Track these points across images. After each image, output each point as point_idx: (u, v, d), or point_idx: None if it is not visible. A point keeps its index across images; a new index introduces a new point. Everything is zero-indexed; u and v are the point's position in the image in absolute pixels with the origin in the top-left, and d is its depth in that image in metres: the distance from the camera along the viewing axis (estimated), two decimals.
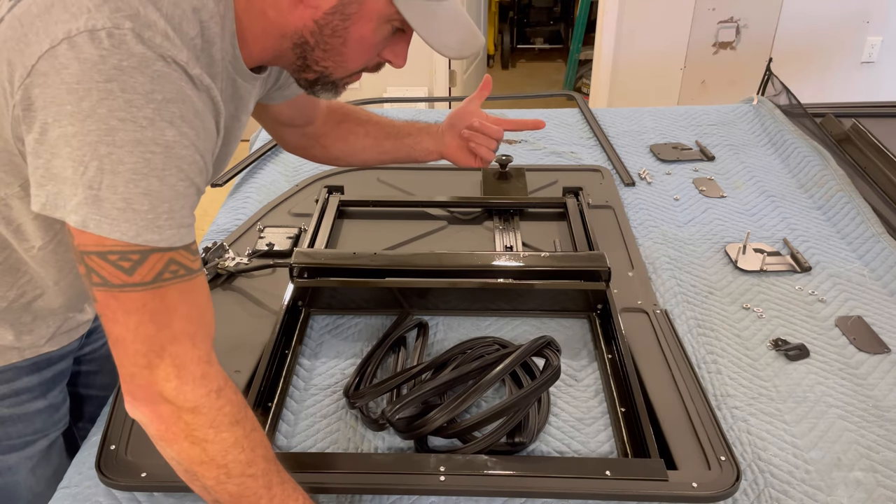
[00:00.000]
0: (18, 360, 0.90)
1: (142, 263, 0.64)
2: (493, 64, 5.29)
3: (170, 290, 0.65)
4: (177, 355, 0.66)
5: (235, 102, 0.82)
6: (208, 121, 0.69)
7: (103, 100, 0.60)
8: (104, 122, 0.60)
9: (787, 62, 3.26)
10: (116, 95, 0.60)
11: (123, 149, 0.61)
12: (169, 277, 0.65)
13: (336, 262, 1.20)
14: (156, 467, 0.87)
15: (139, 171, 0.62)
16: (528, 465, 0.89)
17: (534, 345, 0.99)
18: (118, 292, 0.64)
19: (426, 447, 0.93)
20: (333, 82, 0.81)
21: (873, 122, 1.76)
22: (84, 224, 0.62)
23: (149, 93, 0.61)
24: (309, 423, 0.99)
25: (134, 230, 0.62)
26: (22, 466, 0.96)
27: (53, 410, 0.98)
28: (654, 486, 0.84)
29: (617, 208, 1.49)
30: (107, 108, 0.60)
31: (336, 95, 0.84)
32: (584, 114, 2.02)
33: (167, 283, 0.65)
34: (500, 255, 1.24)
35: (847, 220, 1.45)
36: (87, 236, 0.63)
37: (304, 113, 1.11)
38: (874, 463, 0.92)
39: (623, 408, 1.00)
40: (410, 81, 3.81)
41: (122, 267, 0.63)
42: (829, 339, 1.14)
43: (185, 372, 0.67)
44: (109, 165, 0.61)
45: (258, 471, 0.72)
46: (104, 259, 0.63)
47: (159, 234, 0.64)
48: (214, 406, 0.68)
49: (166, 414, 0.68)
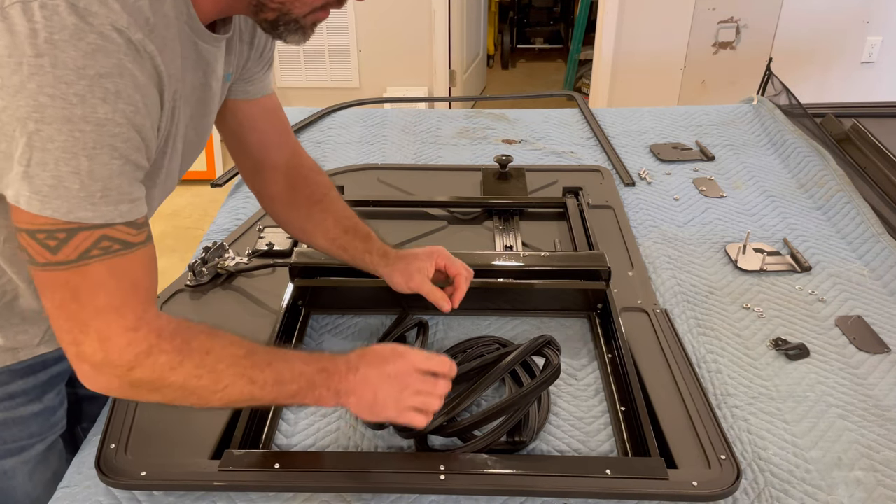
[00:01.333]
0: (12, 362, 0.89)
1: (67, 242, 0.63)
2: (493, 64, 5.29)
3: (96, 266, 0.65)
4: (100, 329, 0.67)
5: (202, 69, 0.79)
6: (150, 94, 0.67)
7: (33, 75, 0.59)
8: (33, 98, 0.59)
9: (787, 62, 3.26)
10: (46, 71, 0.59)
11: (52, 126, 0.60)
12: (98, 254, 0.65)
13: (336, 261, 1.20)
14: (155, 466, 0.87)
15: (68, 149, 0.61)
16: (528, 464, 0.89)
17: (534, 344, 0.99)
18: (41, 270, 0.65)
19: (426, 446, 0.93)
20: (296, 20, 0.75)
21: (873, 122, 1.76)
22: (16, 199, 0.62)
23: (81, 68, 0.60)
24: (309, 423, 0.99)
25: (66, 207, 0.62)
26: (18, 471, 0.95)
27: (49, 414, 0.97)
28: (654, 485, 0.84)
29: (617, 208, 1.49)
30: (36, 84, 0.59)
31: (304, 38, 0.78)
32: (584, 114, 2.02)
33: (94, 260, 0.65)
34: (500, 254, 1.24)
35: (847, 220, 1.45)
36: (21, 213, 0.63)
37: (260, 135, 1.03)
38: (874, 462, 0.92)
39: (623, 407, 1.00)
40: (410, 81, 3.82)
41: (48, 245, 0.63)
42: (829, 338, 1.14)
43: (110, 344, 0.67)
44: (39, 143, 0.60)
45: (231, 379, 0.74)
46: (32, 237, 0.63)
47: (94, 211, 0.63)
48: (148, 363, 0.69)
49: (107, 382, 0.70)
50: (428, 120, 2.01)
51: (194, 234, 3.11)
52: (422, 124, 1.98)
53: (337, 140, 1.87)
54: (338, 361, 0.82)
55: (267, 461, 0.87)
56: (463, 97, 4.00)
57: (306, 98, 3.72)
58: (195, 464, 0.88)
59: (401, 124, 1.97)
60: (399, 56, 3.75)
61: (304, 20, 0.76)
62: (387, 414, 0.82)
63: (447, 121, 2.00)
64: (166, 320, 0.72)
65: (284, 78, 3.84)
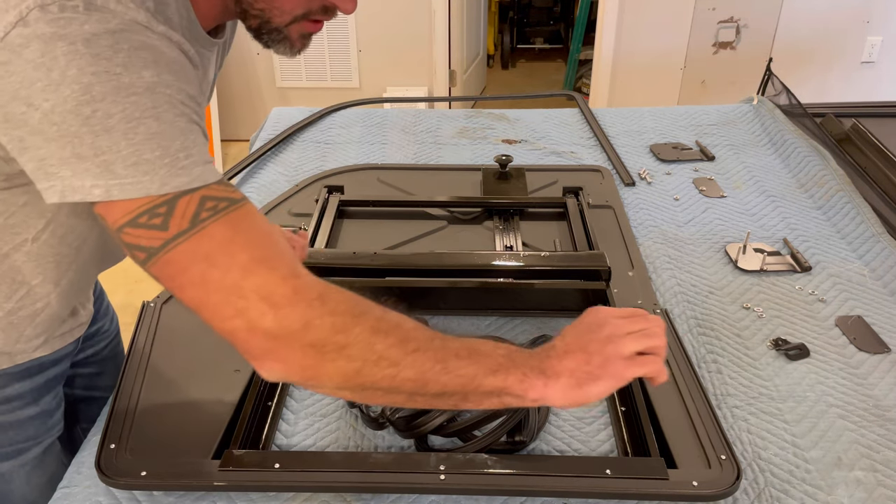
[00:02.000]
0: (9, 365, 0.88)
1: (172, 213, 0.59)
2: (493, 64, 5.29)
3: (216, 226, 0.60)
4: (258, 286, 0.60)
5: (199, 71, 0.78)
6: (187, 67, 0.66)
7: (70, 62, 0.57)
8: (77, 82, 0.57)
9: (787, 62, 3.26)
10: (82, 53, 0.57)
11: (106, 100, 0.58)
12: (209, 215, 0.60)
13: (336, 261, 1.20)
14: (156, 466, 0.87)
15: (132, 117, 0.58)
16: (528, 464, 0.89)
17: (534, 344, 0.98)
18: (164, 254, 0.59)
19: (426, 446, 0.93)
20: (278, 29, 0.74)
21: (873, 122, 1.76)
22: (108, 194, 0.58)
23: (114, 44, 0.59)
24: (309, 423, 0.99)
25: (159, 181, 0.59)
26: (15, 474, 0.95)
27: (47, 417, 0.96)
28: (654, 485, 0.84)
29: (617, 208, 1.49)
30: (76, 68, 0.57)
31: (291, 50, 0.77)
32: (584, 114, 2.02)
33: (209, 221, 0.60)
34: (500, 254, 1.24)
35: (847, 220, 1.45)
36: (114, 208, 0.59)
37: None
38: (874, 462, 0.92)
39: (623, 407, 1.00)
40: (410, 81, 3.82)
41: (155, 225, 0.59)
42: (830, 338, 1.14)
43: (276, 297, 0.60)
44: (99, 123, 0.58)
45: (420, 343, 0.64)
46: (136, 226, 0.59)
47: (187, 175, 0.60)
48: (326, 310, 0.62)
49: (291, 353, 0.61)
50: (428, 120, 2.01)
51: None
52: (422, 124, 1.98)
53: (337, 140, 1.87)
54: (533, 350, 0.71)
55: (267, 461, 0.87)
56: (463, 97, 4.00)
57: (306, 98, 3.72)
58: (195, 464, 0.88)
59: (401, 124, 1.97)
60: (399, 56, 3.75)
61: (286, 30, 0.74)
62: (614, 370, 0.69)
63: (447, 121, 2.00)
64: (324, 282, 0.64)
65: (284, 78, 3.84)
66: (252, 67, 3.81)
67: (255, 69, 3.82)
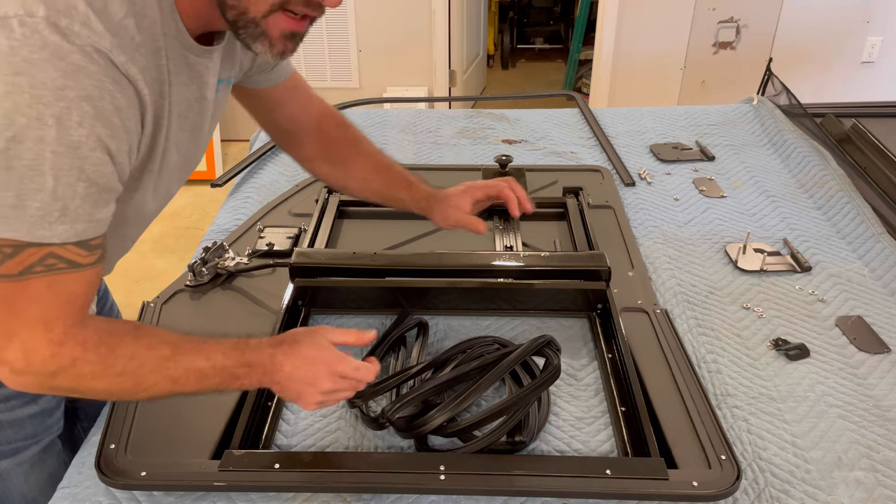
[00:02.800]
0: None
1: (11, 258, 0.63)
2: (493, 64, 5.29)
3: (37, 282, 0.65)
4: (25, 340, 0.67)
5: (196, 82, 0.78)
6: (129, 117, 0.66)
7: (10, 94, 0.58)
8: (6, 117, 0.58)
9: (787, 62, 3.26)
10: (24, 90, 0.58)
11: (23, 144, 0.59)
12: (41, 271, 0.65)
13: (336, 261, 1.20)
14: (155, 466, 0.87)
15: (36, 167, 0.60)
16: (528, 464, 0.89)
17: (534, 344, 0.98)
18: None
19: (426, 446, 0.93)
20: (254, 21, 0.71)
21: (873, 122, 1.76)
22: None
23: (59, 88, 0.59)
24: (309, 423, 0.99)
25: (25, 228, 0.62)
26: (14, 472, 0.95)
27: (46, 415, 0.96)
28: (654, 485, 0.84)
29: (617, 208, 1.49)
30: (12, 103, 0.58)
31: (271, 50, 0.74)
32: (584, 114, 2.02)
33: (36, 276, 0.64)
34: (500, 254, 1.24)
35: (847, 220, 1.45)
36: None
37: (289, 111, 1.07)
38: (874, 462, 0.92)
39: (623, 407, 1.00)
40: (410, 81, 3.82)
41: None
42: (830, 338, 1.14)
43: (33, 355, 0.67)
44: (4, 161, 0.59)
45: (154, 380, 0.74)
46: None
47: (49, 230, 0.63)
48: (71, 373, 0.69)
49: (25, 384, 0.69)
50: (428, 120, 2.01)
51: (194, 234, 3.11)
52: (422, 124, 1.98)
53: None
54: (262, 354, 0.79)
55: (267, 461, 0.87)
56: (463, 97, 4.00)
57: None
58: (195, 464, 0.88)
59: (401, 124, 1.97)
60: (399, 56, 3.75)
61: (263, 23, 0.71)
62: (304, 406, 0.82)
63: (447, 121, 2.00)
64: (92, 329, 0.71)
65: None
66: None
67: None
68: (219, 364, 0.77)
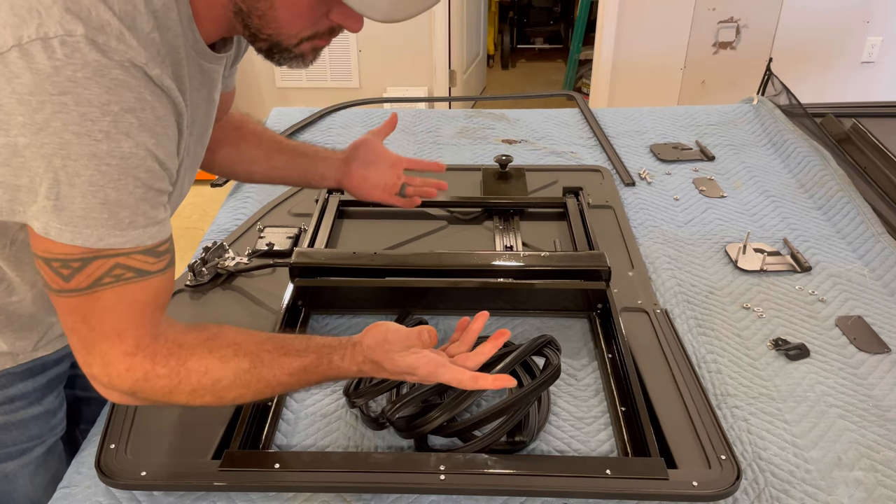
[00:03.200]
0: (12, 365, 0.89)
1: (80, 271, 0.65)
2: (493, 64, 5.29)
3: (106, 293, 0.67)
4: (104, 353, 0.70)
5: (207, 87, 0.80)
6: (169, 125, 0.68)
7: (57, 113, 0.59)
8: (58, 136, 0.60)
9: (787, 62, 3.26)
10: (71, 109, 0.60)
11: (79, 162, 0.61)
12: (109, 282, 0.67)
13: (336, 262, 1.20)
14: (155, 466, 0.87)
15: (95, 182, 0.62)
16: (528, 464, 0.89)
17: (534, 344, 0.98)
18: (55, 295, 0.68)
19: (426, 446, 0.93)
20: (288, 49, 0.76)
21: (873, 122, 1.76)
22: (45, 231, 0.64)
23: (105, 104, 0.61)
24: (309, 423, 0.99)
25: (96, 235, 0.64)
26: (19, 474, 0.95)
27: (49, 416, 0.97)
28: (654, 485, 0.84)
29: (617, 208, 1.49)
30: (61, 122, 0.60)
31: (304, 64, 0.79)
32: (584, 114, 2.02)
33: (105, 287, 0.67)
34: (500, 254, 1.24)
35: (847, 220, 1.45)
36: (40, 241, 0.65)
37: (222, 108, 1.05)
38: (874, 462, 0.92)
39: (623, 407, 1.00)
40: (410, 81, 3.82)
41: (62, 274, 0.66)
42: (830, 338, 1.14)
43: (111, 369, 0.70)
44: (65, 178, 0.61)
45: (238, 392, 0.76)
46: (47, 265, 0.66)
47: (123, 237, 0.65)
48: (147, 388, 0.72)
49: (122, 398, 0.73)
50: (428, 120, 2.01)
51: (194, 234, 3.11)
52: (422, 124, 1.98)
53: (337, 140, 1.87)
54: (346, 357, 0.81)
55: (267, 461, 0.87)
56: (463, 97, 4.00)
57: (306, 98, 3.72)
58: (195, 464, 0.88)
59: (401, 124, 1.97)
60: (399, 56, 3.75)
61: (296, 49, 0.76)
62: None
63: (447, 121, 2.00)
64: (163, 340, 0.73)
65: (284, 78, 3.84)
66: (252, 68, 3.81)
67: (255, 69, 3.82)
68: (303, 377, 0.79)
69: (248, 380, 0.75)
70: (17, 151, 0.61)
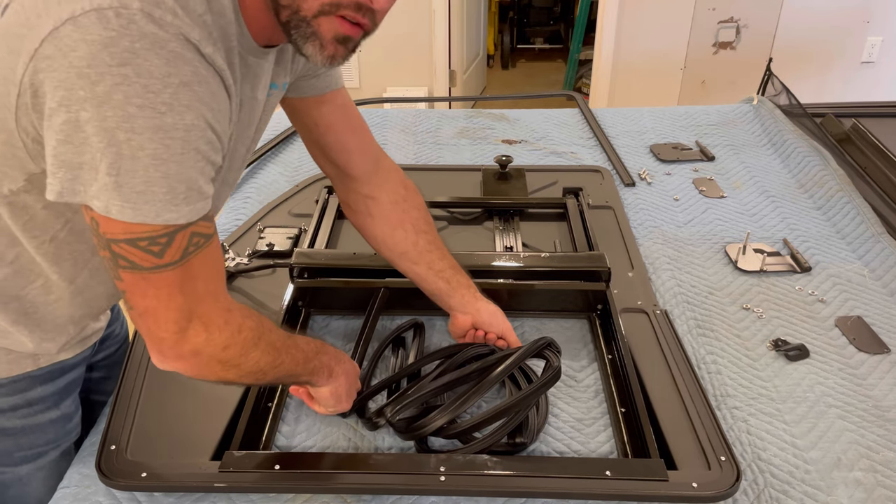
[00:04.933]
0: (33, 368, 0.88)
1: (170, 245, 0.66)
2: (493, 64, 5.29)
3: (194, 260, 0.69)
4: (203, 314, 0.71)
5: (251, 82, 0.79)
6: (223, 100, 0.68)
7: (118, 85, 0.58)
8: (122, 109, 0.59)
9: (787, 62, 3.26)
10: (132, 81, 0.59)
11: (143, 135, 0.60)
12: (193, 250, 0.68)
13: (336, 262, 1.20)
14: (156, 467, 0.87)
15: (159, 156, 0.62)
16: (528, 465, 0.89)
17: (534, 346, 0.98)
18: (148, 273, 0.67)
19: (426, 447, 0.93)
20: (306, 21, 0.70)
21: (873, 122, 1.76)
22: (107, 210, 0.63)
23: (166, 76, 0.60)
24: (309, 423, 0.99)
25: (154, 211, 0.63)
26: (33, 477, 0.94)
27: (66, 420, 0.96)
28: (654, 487, 0.85)
29: (617, 209, 1.49)
30: (123, 94, 0.59)
31: (322, 52, 0.72)
32: (584, 114, 2.02)
33: (191, 256, 0.68)
34: (500, 255, 1.24)
35: (847, 220, 1.45)
36: (114, 224, 0.64)
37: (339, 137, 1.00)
38: (874, 463, 0.92)
39: (623, 408, 1.00)
40: (410, 81, 3.82)
41: (153, 251, 0.66)
42: (829, 339, 1.14)
43: (212, 326, 0.72)
44: (129, 151, 0.60)
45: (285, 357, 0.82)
46: (134, 246, 0.65)
47: (177, 213, 0.65)
48: (240, 339, 0.75)
49: (201, 362, 0.74)
50: (428, 120, 2.01)
51: None
52: (422, 124, 1.98)
53: None
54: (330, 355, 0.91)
55: (267, 462, 0.87)
56: (463, 97, 4.00)
57: None
58: (195, 465, 0.88)
59: (401, 124, 1.97)
60: (399, 56, 3.74)
61: (314, 23, 0.70)
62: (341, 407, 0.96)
63: (447, 121, 2.00)
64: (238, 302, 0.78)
65: None
66: None
67: None
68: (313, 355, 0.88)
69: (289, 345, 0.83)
70: (79, 126, 0.60)
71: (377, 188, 1.04)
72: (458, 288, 1.06)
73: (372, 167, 1.04)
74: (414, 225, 1.06)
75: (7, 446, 0.90)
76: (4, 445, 0.90)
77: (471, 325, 1.06)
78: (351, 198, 1.06)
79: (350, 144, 1.01)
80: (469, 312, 1.06)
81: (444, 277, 1.06)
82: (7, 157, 0.70)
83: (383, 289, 1.15)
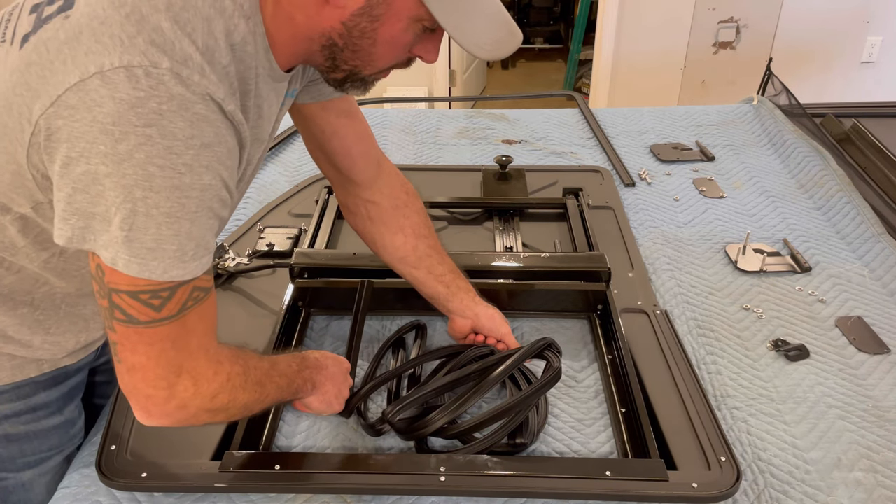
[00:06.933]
0: (37, 374, 0.88)
1: (170, 299, 0.66)
2: (493, 64, 5.29)
3: (190, 315, 0.69)
4: (193, 368, 0.71)
5: (270, 100, 0.80)
6: (236, 154, 0.70)
7: (142, 145, 0.59)
8: (142, 168, 0.60)
9: (787, 62, 3.26)
10: (156, 141, 0.59)
11: (160, 194, 0.61)
12: (191, 304, 0.68)
13: (336, 262, 1.20)
14: (156, 467, 0.87)
15: (173, 214, 0.62)
16: (528, 466, 0.89)
17: (535, 346, 0.98)
18: (143, 328, 0.67)
19: (427, 448, 0.93)
20: (363, 79, 0.77)
21: (873, 122, 1.76)
22: (114, 262, 0.63)
23: (188, 138, 0.61)
24: (310, 423, 0.99)
25: (161, 268, 0.64)
26: (36, 483, 0.94)
27: (69, 426, 0.96)
28: (654, 487, 0.85)
29: (617, 209, 1.49)
30: (145, 154, 0.59)
31: (365, 91, 0.81)
32: (584, 114, 2.02)
33: (189, 310, 0.68)
34: (500, 255, 1.24)
35: (847, 220, 1.45)
36: (119, 275, 0.64)
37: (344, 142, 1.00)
38: (874, 463, 0.92)
39: (623, 408, 1.00)
40: (410, 81, 3.81)
41: (153, 305, 0.66)
42: (829, 339, 1.14)
43: (202, 379, 0.72)
44: (143, 208, 0.61)
45: (269, 389, 0.82)
46: (135, 298, 0.65)
47: (184, 269, 0.65)
48: (228, 386, 0.75)
49: (189, 414, 0.73)
50: (428, 120, 2.01)
51: None
52: (422, 124, 1.98)
53: None
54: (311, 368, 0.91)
55: (267, 462, 0.87)
56: (463, 97, 4.00)
57: None
58: (196, 465, 0.88)
59: (401, 124, 1.97)
60: None
61: (371, 79, 0.78)
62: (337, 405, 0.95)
63: (447, 121, 2.00)
64: (225, 345, 0.77)
65: None
66: None
67: None
68: (295, 375, 0.88)
69: (272, 376, 0.83)
70: (97, 179, 0.60)
71: (378, 192, 1.04)
72: (458, 292, 1.06)
73: (374, 172, 1.04)
74: (414, 229, 1.06)
75: (11, 452, 0.90)
76: (8, 451, 0.90)
77: (470, 329, 1.06)
78: (351, 201, 1.06)
79: (354, 150, 1.01)
80: (468, 317, 1.06)
81: (444, 282, 1.06)
82: (16, 185, 0.70)
83: (366, 281, 1.15)
